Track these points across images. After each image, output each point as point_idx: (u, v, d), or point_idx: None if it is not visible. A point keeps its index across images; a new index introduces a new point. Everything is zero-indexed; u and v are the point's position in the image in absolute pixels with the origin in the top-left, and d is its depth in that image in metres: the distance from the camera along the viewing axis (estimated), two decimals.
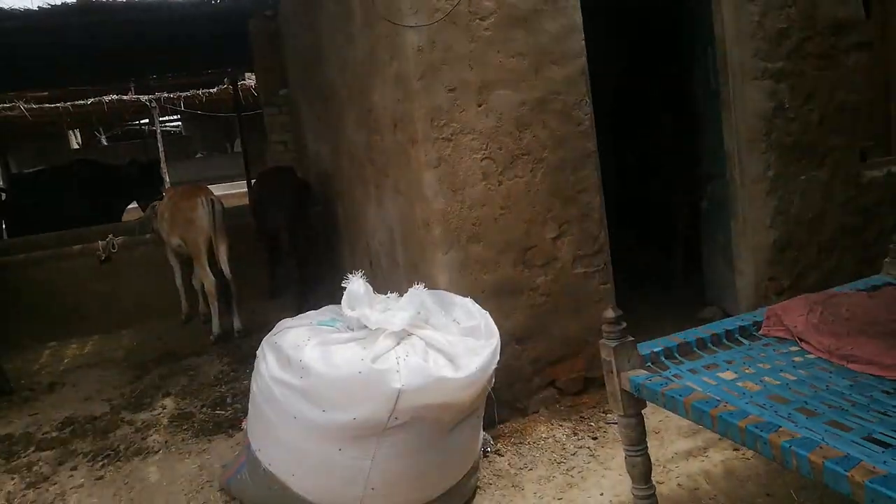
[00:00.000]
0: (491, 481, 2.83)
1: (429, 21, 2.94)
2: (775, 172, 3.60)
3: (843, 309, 1.82)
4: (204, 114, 17.86)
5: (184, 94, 15.98)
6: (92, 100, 15.27)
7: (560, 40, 3.18)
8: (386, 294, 2.92)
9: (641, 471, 1.96)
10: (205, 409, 3.81)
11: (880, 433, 1.35)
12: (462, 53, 3.02)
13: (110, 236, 5.58)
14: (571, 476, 2.79)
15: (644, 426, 2.11)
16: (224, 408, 3.80)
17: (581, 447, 2.99)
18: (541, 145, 3.20)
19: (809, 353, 1.81)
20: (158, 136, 17.02)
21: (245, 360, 4.54)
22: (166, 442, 3.44)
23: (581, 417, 3.24)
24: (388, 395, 2.34)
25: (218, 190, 5.83)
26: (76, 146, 21.88)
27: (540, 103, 3.17)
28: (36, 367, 4.89)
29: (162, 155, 16.28)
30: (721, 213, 3.92)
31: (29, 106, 14.91)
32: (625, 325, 2.10)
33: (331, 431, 2.41)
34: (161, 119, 18.50)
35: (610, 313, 2.11)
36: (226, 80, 11.97)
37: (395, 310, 2.69)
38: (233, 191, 13.88)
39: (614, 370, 2.08)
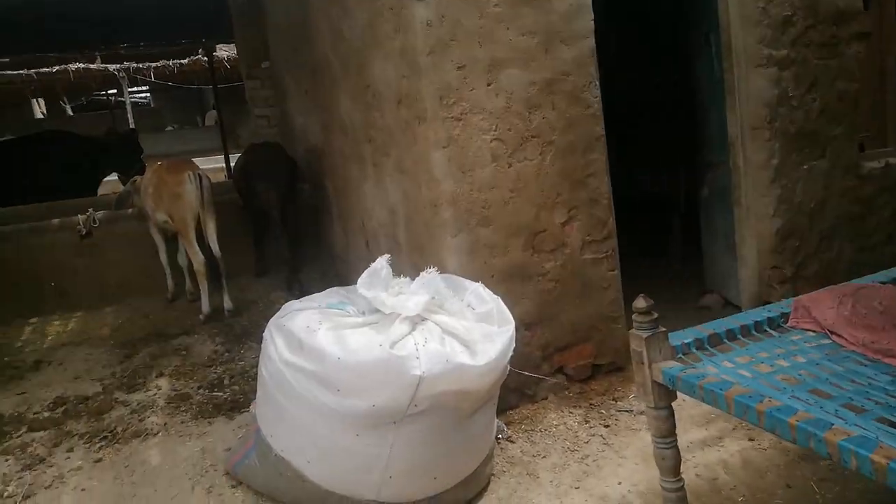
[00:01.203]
0: (505, 468, 2.82)
1: None
2: (779, 161, 3.62)
3: (875, 302, 1.84)
4: (175, 85, 17.37)
5: (153, 65, 15.50)
6: (57, 68, 14.73)
7: (569, 19, 3.13)
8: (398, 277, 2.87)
9: (671, 463, 1.96)
10: (202, 390, 3.74)
11: None
12: (471, 30, 2.94)
13: (90, 210, 5.39)
14: (586, 465, 2.78)
15: (674, 418, 2.10)
16: (222, 389, 3.73)
17: (594, 435, 2.99)
18: (550, 127, 3.15)
19: (842, 346, 1.83)
20: (128, 108, 16.49)
21: (238, 340, 4.47)
22: (165, 424, 3.37)
23: (591, 405, 3.24)
24: (409, 382, 2.31)
25: None
26: (41, 115, 21.10)
27: (549, 84, 3.12)
28: (18, 345, 4.73)
29: (132, 126, 15.81)
30: (722, 201, 3.94)
31: None
32: (656, 315, 2.07)
33: (348, 418, 2.37)
34: (129, 90, 17.93)
35: (641, 303, 2.08)
36: (200, 50, 11.60)
37: (409, 294, 2.65)
38: (207, 165, 13.51)
39: (646, 361, 2.05)
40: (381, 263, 2.71)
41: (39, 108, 20.66)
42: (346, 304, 2.77)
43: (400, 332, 2.45)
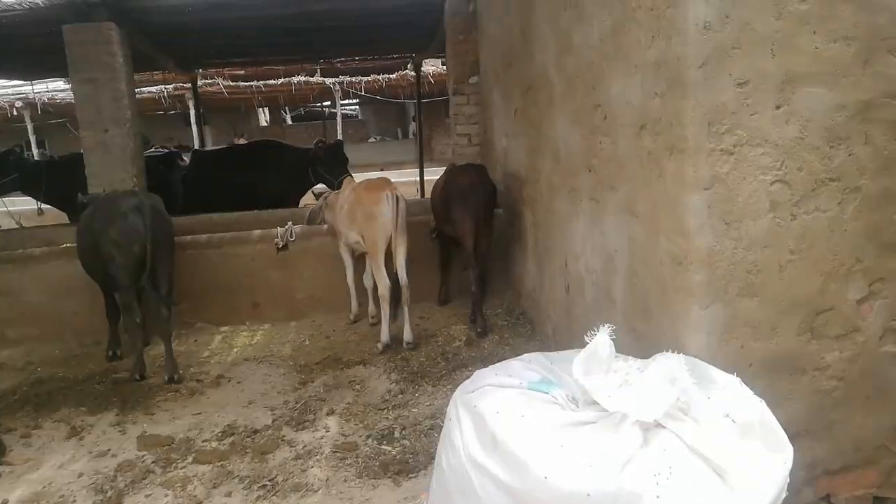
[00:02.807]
0: None
1: None
2: None
3: None
4: (382, 99, 18.12)
5: (364, 79, 16.27)
6: (281, 80, 16.04)
7: None
8: (617, 355, 2.17)
9: None
10: (370, 440, 3.32)
11: None
12: (763, 34, 2.16)
13: (289, 224, 5.33)
14: None
15: None
16: (391, 443, 3.28)
17: None
18: (858, 168, 2.26)
19: None
20: (338, 119, 17.46)
21: (413, 380, 4.04)
22: (327, 480, 2.97)
23: None
24: None
25: (391, 177, 5.38)
26: (264, 123, 23.34)
27: (864, 109, 2.24)
28: (206, 354, 4.74)
29: (340, 137, 16.72)
30: None
31: (226, 83, 15.94)
32: None
33: None
34: (341, 102, 19.05)
35: None
36: (409, 64, 11.77)
37: (641, 385, 1.94)
38: (403, 179, 13.69)
39: None
40: (603, 340, 2.05)
41: (264, 117, 22.84)
42: (551, 385, 2.13)
43: (631, 446, 1.76)
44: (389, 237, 4.52)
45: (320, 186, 7.27)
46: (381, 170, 15.60)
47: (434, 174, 10.62)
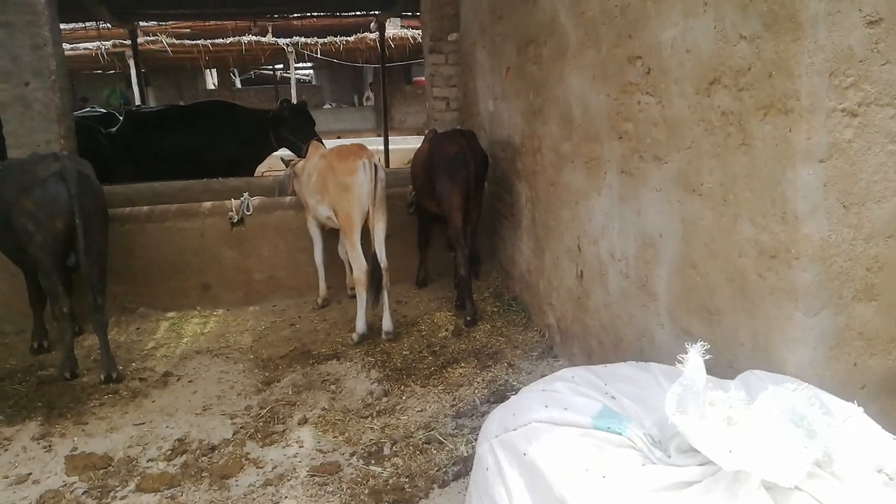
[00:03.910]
0: None
1: None
2: None
3: None
4: (339, 62, 17.16)
5: (321, 41, 15.29)
6: (230, 39, 14.92)
7: None
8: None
9: None
10: (355, 458, 2.75)
11: None
12: None
13: (245, 195, 4.64)
14: None
15: None
16: (381, 462, 2.72)
17: None
18: None
19: None
20: (293, 82, 16.46)
21: (399, 379, 3.48)
22: None
23: None
24: None
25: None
26: (212, 86, 21.96)
27: None
28: (151, 346, 4.05)
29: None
30: None
31: (170, 40, 14.71)
32: None
33: None
34: (295, 66, 17.98)
35: None
36: (372, 25, 10.96)
37: (752, 426, 1.44)
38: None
39: None
40: (697, 364, 1.53)
41: (212, 79, 21.48)
42: (620, 420, 1.61)
43: None
44: (367, 212, 3.91)
45: (287, 153, 6.55)
46: (338, 138, 14.80)
47: (392, 144, 10.00)
